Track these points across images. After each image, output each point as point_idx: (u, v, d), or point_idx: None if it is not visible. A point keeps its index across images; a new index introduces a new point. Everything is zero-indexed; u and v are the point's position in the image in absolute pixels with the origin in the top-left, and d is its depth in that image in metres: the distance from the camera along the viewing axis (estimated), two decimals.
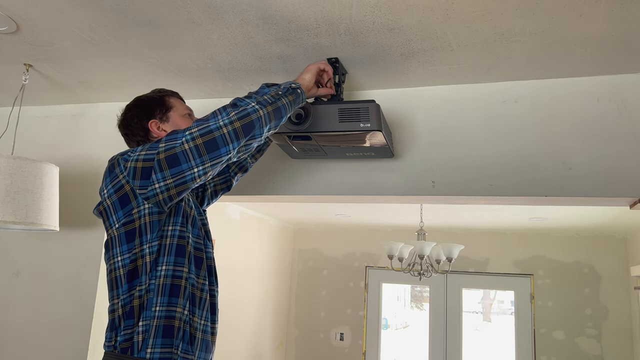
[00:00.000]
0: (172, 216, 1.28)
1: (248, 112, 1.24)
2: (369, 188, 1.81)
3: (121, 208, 1.24)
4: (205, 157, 1.20)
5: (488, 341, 5.51)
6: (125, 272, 1.24)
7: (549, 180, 1.64)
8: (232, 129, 1.21)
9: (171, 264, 1.25)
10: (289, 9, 1.35)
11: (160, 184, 1.21)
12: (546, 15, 1.32)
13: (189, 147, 1.20)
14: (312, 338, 5.36)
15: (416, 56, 1.59)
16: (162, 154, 1.21)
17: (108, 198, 1.27)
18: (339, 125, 1.49)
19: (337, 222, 5.07)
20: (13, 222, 1.60)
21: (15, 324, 2.08)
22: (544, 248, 4.87)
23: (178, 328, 1.23)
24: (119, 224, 1.25)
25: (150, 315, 1.22)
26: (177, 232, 1.28)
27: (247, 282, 4.41)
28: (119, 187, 1.24)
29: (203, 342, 1.30)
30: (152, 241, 1.24)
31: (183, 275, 1.27)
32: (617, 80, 1.65)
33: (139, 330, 1.21)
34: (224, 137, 1.21)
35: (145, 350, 1.20)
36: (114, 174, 1.27)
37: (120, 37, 1.57)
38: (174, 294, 1.24)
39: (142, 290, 1.23)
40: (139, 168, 1.22)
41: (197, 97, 2.05)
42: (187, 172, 1.20)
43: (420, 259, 3.54)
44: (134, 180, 1.22)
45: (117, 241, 1.26)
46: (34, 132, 2.28)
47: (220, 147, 1.21)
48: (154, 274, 1.24)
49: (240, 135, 1.23)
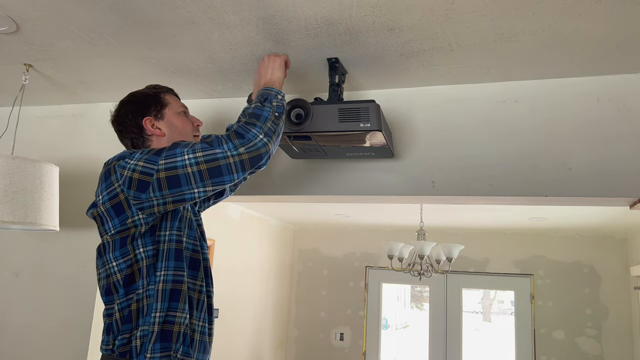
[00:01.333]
0: (169, 220, 1.27)
1: (258, 146, 1.22)
2: (369, 188, 1.81)
3: (116, 216, 1.23)
4: (208, 182, 1.19)
5: (488, 341, 5.51)
6: (122, 276, 1.23)
7: (549, 180, 1.64)
8: (239, 160, 1.20)
9: (171, 268, 1.24)
10: (289, 9, 1.35)
11: (158, 200, 1.20)
12: (546, 15, 1.31)
13: (192, 171, 1.18)
14: (312, 338, 5.36)
15: (416, 56, 1.59)
16: (163, 172, 1.19)
17: (102, 205, 1.25)
18: (339, 125, 1.49)
19: (337, 222, 5.07)
20: (12, 222, 1.60)
21: (15, 324, 2.08)
22: (544, 248, 4.87)
23: (178, 332, 1.22)
24: (114, 231, 1.24)
25: (150, 321, 1.20)
26: (174, 237, 1.27)
27: (247, 282, 4.41)
28: (113, 195, 1.23)
29: (201, 343, 1.30)
30: (146, 245, 1.23)
31: (183, 280, 1.25)
32: (617, 80, 1.65)
33: (138, 335, 1.20)
34: (229, 167, 1.19)
35: (144, 355, 1.18)
36: (109, 181, 1.24)
37: (120, 37, 1.57)
38: (174, 299, 1.23)
39: (141, 295, 1.22)
40: (135, 179, 1.20)
41: (197, 97, 2.05)
42: (187, 192, 1.20)
43: (420, 259, 3.55)
44: (129, 190, 1.20)
45: (110, 247, 1.25)
46: (34, 132, 2.28)
47: (224, 175, 1.19)
48: (153, 279, 1.22)
49: (247, 167, 1.21)
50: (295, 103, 1.53)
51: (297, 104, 1.53)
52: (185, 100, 2.09)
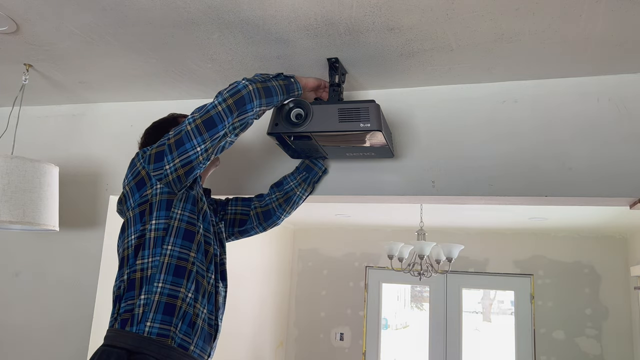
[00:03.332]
0: (182, 201, 1.37)
1: (238, 88, 1.37)
2: (369, 188, 1.81)
3: (137, 190, 1.36)
4: (206, 135, 1.33)
5: (488, 341, 5.51)
6: (133, 248, 1.32)
7: (549, 180, 1.64)
8: (226, 105, 1.35)
9: (178, 245, 1.32)
10: (289, 9, 1.35)
11: (170, 165, 1.33)
12: (546, 15, 1.31)
13: (191, 128, 1.33)
14: (312, 338, 5.36)
15: (416, 56, 1.59)
16: (172, 138, 1.35)
17: (127, 185, 1.39)
18: (339, 125, 1.49)
19: (337, 222, 5.07)
20: (10, 221, 1.60)
21: (15, 324, 2.08)
22: (544, 248, 4.87)
23: (179, 308, 1.28)
24: (134, 205, 1.36)
25: (152, 290, 1.27)
26: (187, 218, 1.36)
27: (247, 282, 4.41)
28: (136, 174, 1.37)
29: (203, 330, 1.33)
30: (159, 218, 1.33)
31: (189, 259, 1.33)
32: (617, 80, 1.65)
33: (140, 303, 1.26)
34: (219, 115, 1.34)
35: (144, 323, 1.24)
36: (132, 164, 1.40)
37: (120, 37, 1.57)
38: (178, 275, 1.30)
39: (145, 264, 1.30)
40: (153, 154, 1.36)
41: (197, 97, 2.05)
42: (191, 151, 1.33)
43: (420, 259, 3.54)
44: (149, 165, 1.35)
45: (131, 222, 1.36)
46: (34, 132, 2.28)
47: (218, 124, 1.34)
48: (159, 251, 1.30)
49: (233, 109, 1.35)
50: (295, 103, 1.53)
51: (297, 104, 1.53)
52: (185, 100, 2.09)
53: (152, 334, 1.23)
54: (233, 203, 1.72)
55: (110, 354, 1.21)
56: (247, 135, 1.97)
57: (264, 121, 1.88)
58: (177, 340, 1.26)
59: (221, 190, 1.93)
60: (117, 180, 2.11)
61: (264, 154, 1.95)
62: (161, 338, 1.24)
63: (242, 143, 1.97)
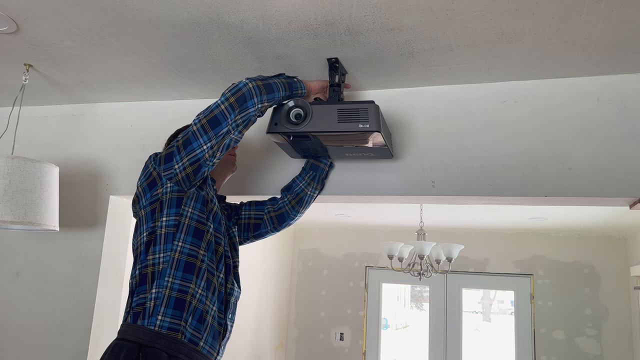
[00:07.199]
0: (192, 200, 1.41)
1: (239, 87, 1.41)
2: (369, 188, 1.81)
3: (149, 190, 1.42)
4: (211, 133, 1.38)
5: (488, 341, 5.52)
6: (145, 244, 1.38)
7: (549, 181, 1.64)
8: (228, 104, 1.39)
9: (188, 242, 1.36)
10: (289, 9, 1.35)
11: (179, 164, 1.39)
12: (546, 15, 1.31)
13: (197, 128, 1.39)
14: (312, 338, 5.36)
15: (416, 56, 1.59)
16: (180, 140, 1.42)
17: (140, 186, 1.45)
18: (338, 126, 1.49)
19: (337, 222, 5.07)
20: (11, 221, 1.60)
21: (15, 324, 2.08)
22: (544, 248, 4.87)
23: (189, 303, 1.32)
24: (146, 203, 1.41)
25: (163, 285, 1.31)
26: (196, 217, 1.40)
27: (247, 282, 4.41)
28: (148, 175, 1.44)
29: (212, 327, 1.36)
30: (169, 215, 1.38)
31: (198, 256, 1.36)
32: (617, 80, 1.65)
33: (152, 297, 1.31)
34: (222, 113, 1.39)
35: (156, 316, 1.28)
36: (145, 166, 1.47)
37: (120, 37, 1.57)
38: (188, 271, 1.34)
39: (157, 260, 1.34)
40: (163, 156, 1.42)
41: (197, 97, 2.06)
42: (198, 149, 1.38)
43: (420, 259, 3.55)
44: (160, 167, 1.42)
45: (144, 220, 1.41)
46: (34, 132, 2.28)
47: (222, 122, 1.38)
48: (170, 247, 1.35)
49: (235, 106, 1.39)
50: (295, 103, 1.53)
51: (297, 104, 1.53)
52: (185, 100, 2.09)
53: (163, 327, 1.27)
54: (247, 208, 1.74)
55: (121, 348, 1.25)
56: (248, 136, 1.97)
57: (264, 121, 1.88)
58: (187, 335, 1.29)
59: (222, 190, 1.93)
60: (117, 180, 2.11)
61: (264, 154, 1.95)
62: (172, 332, 1.27)
63: (242, 143, 1.97)
